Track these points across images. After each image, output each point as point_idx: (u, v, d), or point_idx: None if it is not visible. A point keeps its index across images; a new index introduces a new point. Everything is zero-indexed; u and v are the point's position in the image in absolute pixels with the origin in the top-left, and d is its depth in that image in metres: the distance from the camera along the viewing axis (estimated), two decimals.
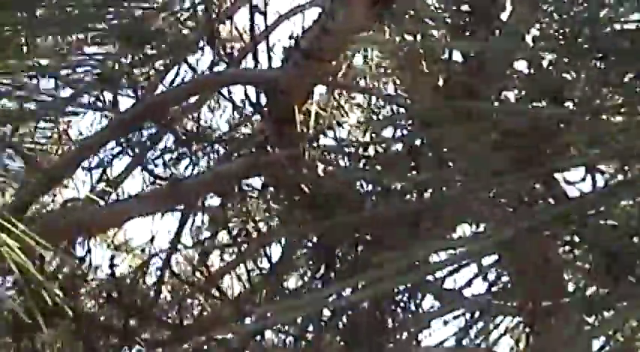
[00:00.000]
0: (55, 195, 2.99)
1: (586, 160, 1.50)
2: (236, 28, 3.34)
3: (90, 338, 2.49)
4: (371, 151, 3.29)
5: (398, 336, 2.37)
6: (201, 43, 2.91)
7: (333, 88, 2.71)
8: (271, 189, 2.91)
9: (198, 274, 2.90)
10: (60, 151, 3.13)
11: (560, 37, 1.53)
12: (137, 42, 2.77)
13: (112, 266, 2.45)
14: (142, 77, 3.01)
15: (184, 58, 2.95)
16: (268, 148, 2.64)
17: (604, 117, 1.66)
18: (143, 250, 3.70)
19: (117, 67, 2.86)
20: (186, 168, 3.21)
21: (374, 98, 3.35)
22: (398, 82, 3.29)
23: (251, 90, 2.68)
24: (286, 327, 2.61)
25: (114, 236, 3.52)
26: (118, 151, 2.87)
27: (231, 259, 3.11)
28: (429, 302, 2.41)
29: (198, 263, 2.80)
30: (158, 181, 2.62)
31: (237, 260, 3.02)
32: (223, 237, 3.18)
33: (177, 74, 3.03)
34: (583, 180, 1.78)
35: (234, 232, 3.03)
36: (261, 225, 3.10)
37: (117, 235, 3.64)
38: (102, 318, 2.55)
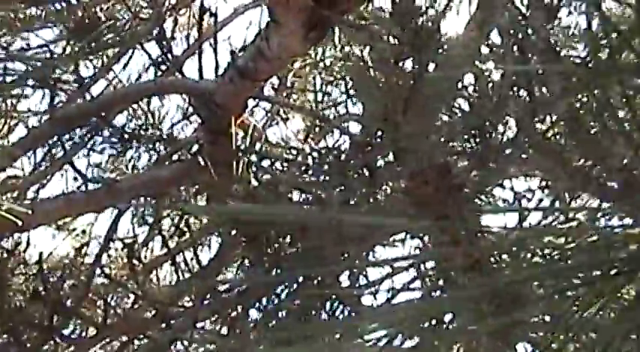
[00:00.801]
0: None
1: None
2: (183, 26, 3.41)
3: (16, 333, 2.53)
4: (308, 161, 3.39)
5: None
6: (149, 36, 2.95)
7: (270, 103, 2.79)
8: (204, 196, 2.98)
9: (126, 272, 2.95)
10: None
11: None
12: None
13: (39, 262, 2.49)
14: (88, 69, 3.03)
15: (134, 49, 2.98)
16: (202, 156, 2.71)
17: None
18: (84, 232, 3.75)
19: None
20: (126, 167, 3.27)
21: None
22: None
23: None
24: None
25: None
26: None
27: (160, 257, 3.17)
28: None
29: (126, 261, 2.85)
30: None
31: (165, 258, 3.09)
32: (155, 236, 3.25)
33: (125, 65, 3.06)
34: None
35: (166, 232, 3.10)
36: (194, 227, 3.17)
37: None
38: (29, 313, 2.58)
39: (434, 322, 1.59)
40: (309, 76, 3.43)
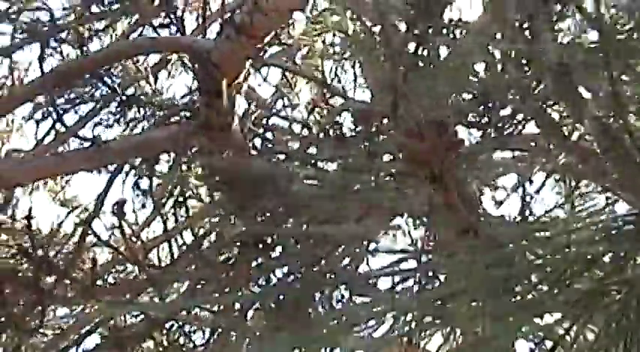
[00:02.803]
0: None
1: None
2: None
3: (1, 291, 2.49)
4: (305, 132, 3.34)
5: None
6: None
7: (267, 66, 2.73)
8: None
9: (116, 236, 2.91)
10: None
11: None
12: None
13: (28, 217, 2.44)
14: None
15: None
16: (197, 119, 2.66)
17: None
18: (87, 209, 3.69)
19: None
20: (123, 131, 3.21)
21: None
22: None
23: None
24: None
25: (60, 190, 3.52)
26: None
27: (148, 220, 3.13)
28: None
29: (116, 226, 2.80)
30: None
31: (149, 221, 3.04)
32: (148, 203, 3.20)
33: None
34: None
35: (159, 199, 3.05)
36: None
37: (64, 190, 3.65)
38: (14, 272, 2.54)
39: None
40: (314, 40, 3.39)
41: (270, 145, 2.93)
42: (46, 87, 2.48)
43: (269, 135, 3.06)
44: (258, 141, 3.01)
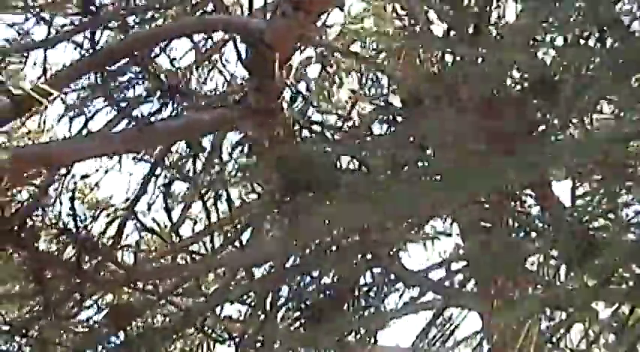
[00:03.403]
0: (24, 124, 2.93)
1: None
2: None
3: (40, 270, 2.44)
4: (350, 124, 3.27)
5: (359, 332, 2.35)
6: None
7: (319, 47, 2.67)
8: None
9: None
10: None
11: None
12: None
13: (72, 199, 2.40)
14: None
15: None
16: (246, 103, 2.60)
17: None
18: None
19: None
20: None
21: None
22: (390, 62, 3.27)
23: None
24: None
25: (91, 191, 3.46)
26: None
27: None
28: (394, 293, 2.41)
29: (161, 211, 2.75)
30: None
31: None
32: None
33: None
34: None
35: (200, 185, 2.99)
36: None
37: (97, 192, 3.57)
38: (55, 252, 2.49)
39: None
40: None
41: (317, 133, 2.86)
42: (94, 65, 2.43)
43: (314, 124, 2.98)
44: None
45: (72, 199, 2.45)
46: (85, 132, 2.73)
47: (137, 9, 2.77)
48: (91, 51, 2.43)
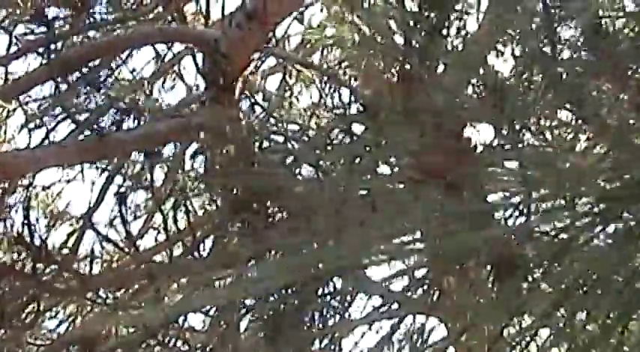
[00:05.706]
0: None
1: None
2: None
3: None
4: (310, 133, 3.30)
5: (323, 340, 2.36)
6: None
7: (277, 57, 2.70)
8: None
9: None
10: None
11: None
12: None
13: (27, 208, 2.39)
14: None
15: None
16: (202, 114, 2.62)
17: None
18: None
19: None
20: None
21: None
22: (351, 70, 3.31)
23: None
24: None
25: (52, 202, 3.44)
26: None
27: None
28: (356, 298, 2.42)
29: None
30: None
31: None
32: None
33: None
34: None
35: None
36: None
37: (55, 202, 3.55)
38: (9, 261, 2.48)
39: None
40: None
41: (274, 144, 2.88)
42: (51, 73, 2.44)
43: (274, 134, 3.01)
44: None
45: (26, 208, 2.44)
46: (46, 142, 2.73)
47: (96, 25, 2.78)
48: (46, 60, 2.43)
